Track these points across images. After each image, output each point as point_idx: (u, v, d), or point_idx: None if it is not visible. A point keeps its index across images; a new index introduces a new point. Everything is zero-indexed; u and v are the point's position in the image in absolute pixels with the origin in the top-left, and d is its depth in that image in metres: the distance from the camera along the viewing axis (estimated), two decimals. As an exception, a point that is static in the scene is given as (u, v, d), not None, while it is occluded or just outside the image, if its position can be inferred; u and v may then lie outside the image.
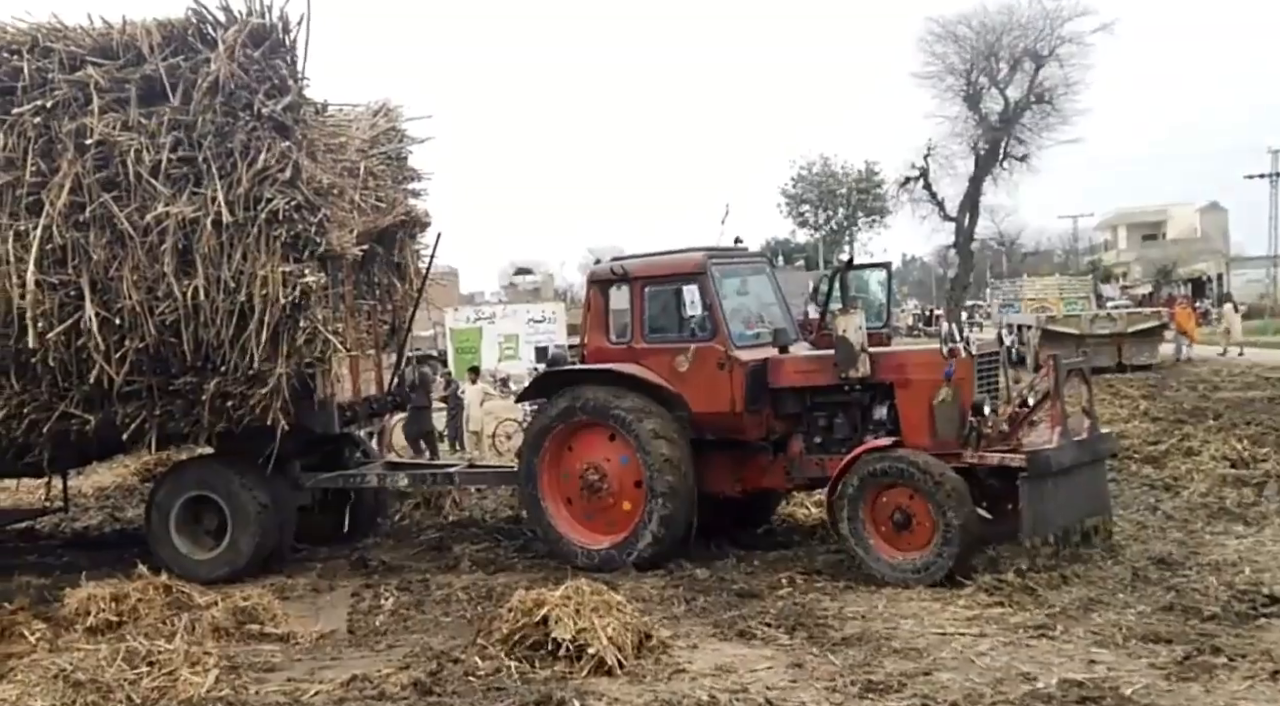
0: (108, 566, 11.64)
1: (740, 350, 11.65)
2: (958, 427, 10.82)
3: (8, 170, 10.83)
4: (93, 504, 16.67)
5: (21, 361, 11.01)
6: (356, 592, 11.14)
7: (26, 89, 10.92)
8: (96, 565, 11.73)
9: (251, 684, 8.33)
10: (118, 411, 11.20)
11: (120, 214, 10.79)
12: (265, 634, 9.63)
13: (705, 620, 9.56)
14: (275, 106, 10.89)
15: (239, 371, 11.03)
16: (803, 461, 11.74)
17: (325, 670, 8.70)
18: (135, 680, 8.01)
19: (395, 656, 8.84)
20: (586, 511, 11.82)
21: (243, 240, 10.83)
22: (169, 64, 10.93)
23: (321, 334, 11.12)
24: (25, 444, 11.46)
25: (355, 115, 13.47)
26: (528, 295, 56.11)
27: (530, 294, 57.22)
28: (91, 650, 8.55)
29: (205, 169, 10.85)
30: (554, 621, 8.25)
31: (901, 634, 8.86)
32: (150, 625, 9.48)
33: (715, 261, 12.06)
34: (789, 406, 11.81)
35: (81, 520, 15.83)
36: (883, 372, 11.30)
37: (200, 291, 10.80)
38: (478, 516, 14.40)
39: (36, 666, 8.18)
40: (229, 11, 11.06)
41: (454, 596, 10.75)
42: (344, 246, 11.49)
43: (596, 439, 11.79)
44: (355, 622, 10.15)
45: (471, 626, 9.37)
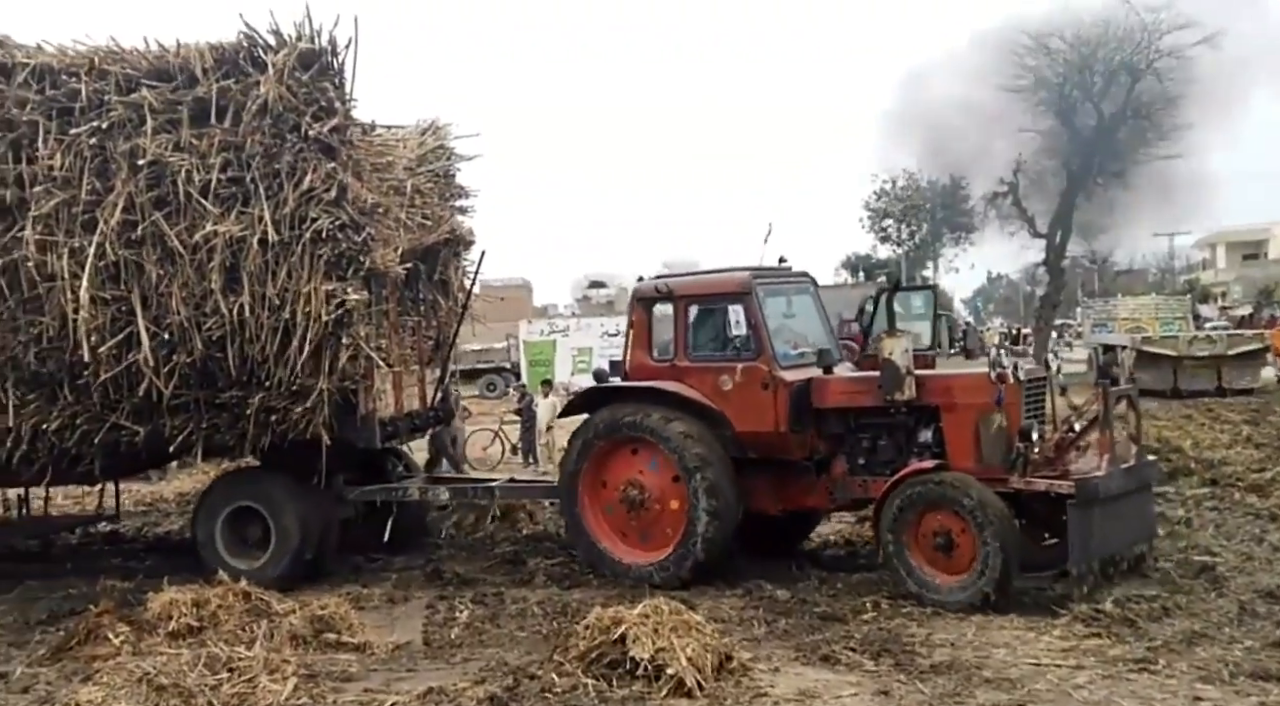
0: (188, 571, 12.23)
1: (785, 370, 12.12)
2: (1004, 453, 11.20)
3: (64, 189, 11.59)
4: (174, 509, 17.54)
5: (75, 374, 11.78)
6: (431, 604, 11.59)
7: (84, 110, 11.69)
8: (178, 570, 12.30)
9: (329, 693, 8.68)
10: (166, 423, 11.92)
11: (171, 232, 11.52)
12: (342, 643, 10.02)
13: (787, 643, 9.74)
14: (321, 128, 11.56)
15: (283, 386, 11.69)
16: (846, 482, 12.21)
17: (401, 681, 9.03)
18: (216, 685, 8.37)
19: (471, 670, 9.16)
20: (627, 528, 12.35)
21: (288, 259, 11.50)
22: (220, 86, 11.65)
23: (364, 351, 11.79)
24: (77, 453, 12.23)
25: (403, 134, 14.17)
26: (601, 308, 56.78)
27: (604, 307, 57.82)
28: (173, 654, 8.99)
29: (253, 189, 11.54)
30: (632, 640, 8.43)
31: (993, 663, 8.94)
32: (230, 631, 9.90)
33: (760, 281, 12.54)
34: (833, 427, 12.28)
35: (163, 525, 16.67)
36: (928, 395, 11.71)
37: (246, 308, 11.47)
38: (552, 530, 14.76)
39: (121, 669, 8.57)
40: (279, 35, 11.76)
41: (529, 611, 11.11)
42: (387, 264, 12.16)
43: (638, 455, 12.32)
44: (430, 634, 10.51)
45: (547, 642, 9.66)
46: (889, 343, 11.79)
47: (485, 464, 21.82)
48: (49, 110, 11.73)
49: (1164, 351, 31.15)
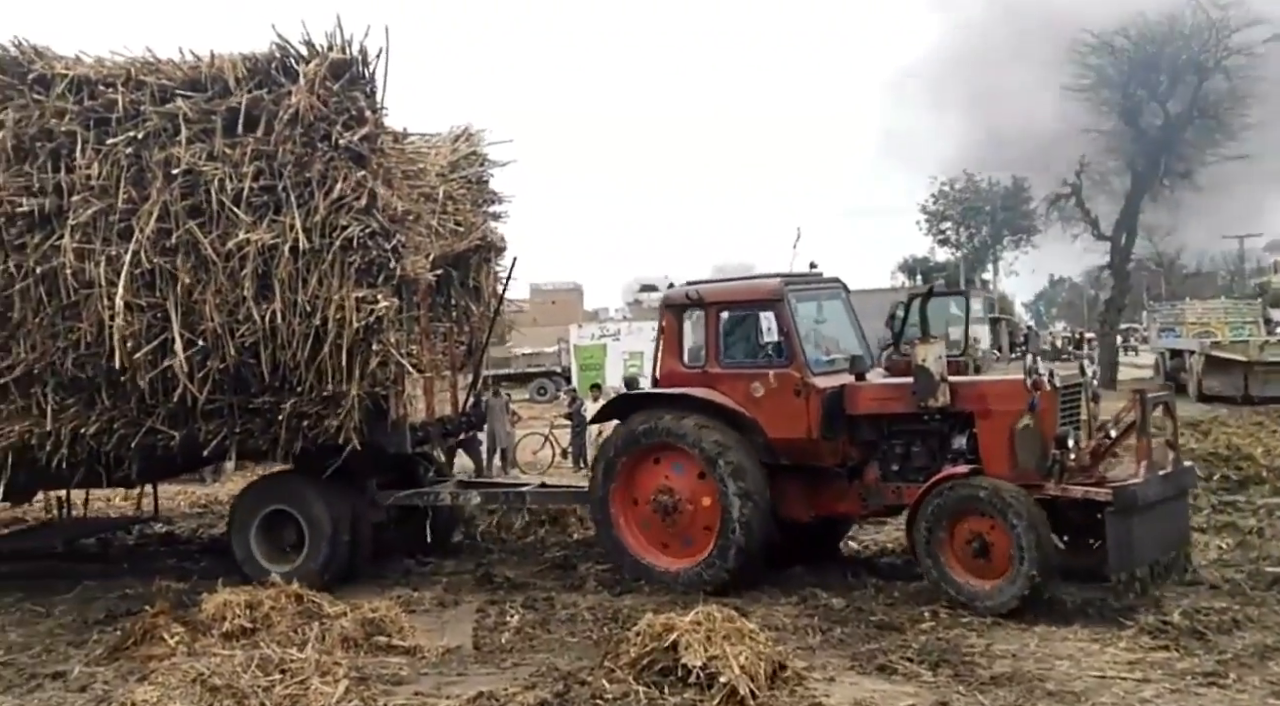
0: (242, 573, 12.70)
1: (817, 376, 12.29)
2: (1040, 459, 11.33)
3: (101, 197, 12.02)
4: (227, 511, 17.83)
5: (112, 379, 12.21)
6: (481, 608, 11.75)
7: (120, 120, 12.10)
8: (231, 571, 12.79)
9: (380, 696, 8.80)
10: (200, 428, 12.32)
11: (204, 240, 11.91)
12: (393, 646, 10.18)
13: (843, 652, 9.74)
14: (352, 137, 11.91)
15: (314, 392, 12.05)
16: (879, 488, 12.38)
17: (451, 685, 9.16)
18: (268, 687, 8.52)
19: (521, 675, 9.28)
20: (658, 534, 12.56)
21: (319, 266, 11.86)
22: (253, 96, 12.03)
23: (394, 357, 12.11)
24: (115, 457, 12.67)
25: (436, 141, 14.52)
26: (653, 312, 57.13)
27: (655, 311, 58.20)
28: (227, 655, 9.19)
29: (284, 197, 11.91)
30: (684, 647, 8.43)
31: (1056, 675, 8.88)
32: (282, 633, 10.10)
33: (791, 287, 12.71)
34: (866, 433, 12.45)
35: (218, 527, 16.91)
36: (962, 402, 11.86)
37: (278, 315, 11.83)
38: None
39: (176, 669, 8.79)
40: (311, 46, 12.11)
41: (580, 616, 11.23)
42: (417, 271, 12.49)
43: (669, 462, 12.52)
44: (480, 638, 10.67)
45: (598, 648, 9.73)
46: (922, 349, 11.93)
47: (535, 468, 22.21)
48: (87, 120, 12.17)
49: (1234, 357, 30.93)
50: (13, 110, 12.17)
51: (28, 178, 12.16)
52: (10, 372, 12.33)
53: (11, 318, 12.27)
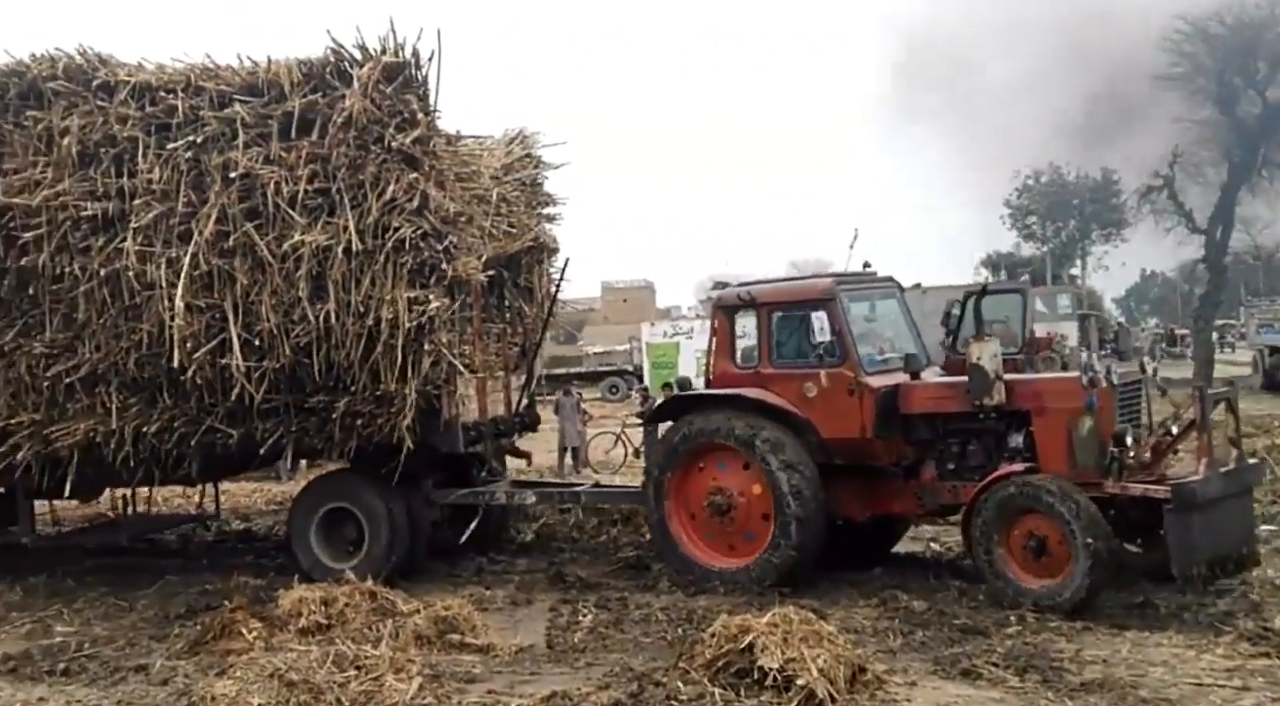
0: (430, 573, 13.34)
1: (870, 376, 12.47)
2: (1098, 457, 11.43)
3: (162, 201, 12.49)
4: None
5: (173, 379, 12.68)
6: (554, 607, 11.91)
7: (180, 125, 12.57)
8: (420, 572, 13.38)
9: (453, 693, 8.95)
10: (258, 427, 12.76)
11: (261, 242, 12.32)
12: (466, 644, 10.35)
13: (924, 656, 9.64)
14: (404, 139, 12.27)
15: (367, 391, 12.43)
16: (935, 487, 12.54)
17: (524, 684, 9.27)
18: (344, 683, 8.72)
19: (594, 675, 9.33)
20: (711, 533, 12.78)
21: (371, 267, 12.22)
22: (308, 100, 12.42)
23: (445, 357, 12.47)
24: (176, 455, 13.17)
25: (489, 144, 14.88)
26: (725, 310, 57.30)
27: (727, 309, 58.38)
28: (303, 651, 9.37)
29: (338, 199, 12.29)
30: (760, 649, 8.40)
31: (1150, 682, 8.74)
32: (357, 629, 10.33)
33: (844, 287, 12.91)
34: (921, 432, 12.61)
35: None
36: (1018, 400, 11.98)
37: (332, 315, 12.22)
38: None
39: (253, 664, 8.98)
40: (364, 50, 12.47)
41: (653, 616, 11.32)
42: (469, 272, 12.84)
43: (722, 462, 12.74)
44: (554, 638, 10.78)
45: (672, 649, 9.78)
46: (977, 347, 12.06)
47: (608, 467, 22.47)
48: (148, 126, 12.65)
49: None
50: (78, 117, 12.67)
51: (92, 182, 12.65)
52: (76, 372, 12.85)
53: (77, 319, 12.79)
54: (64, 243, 12.71)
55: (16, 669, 10.33)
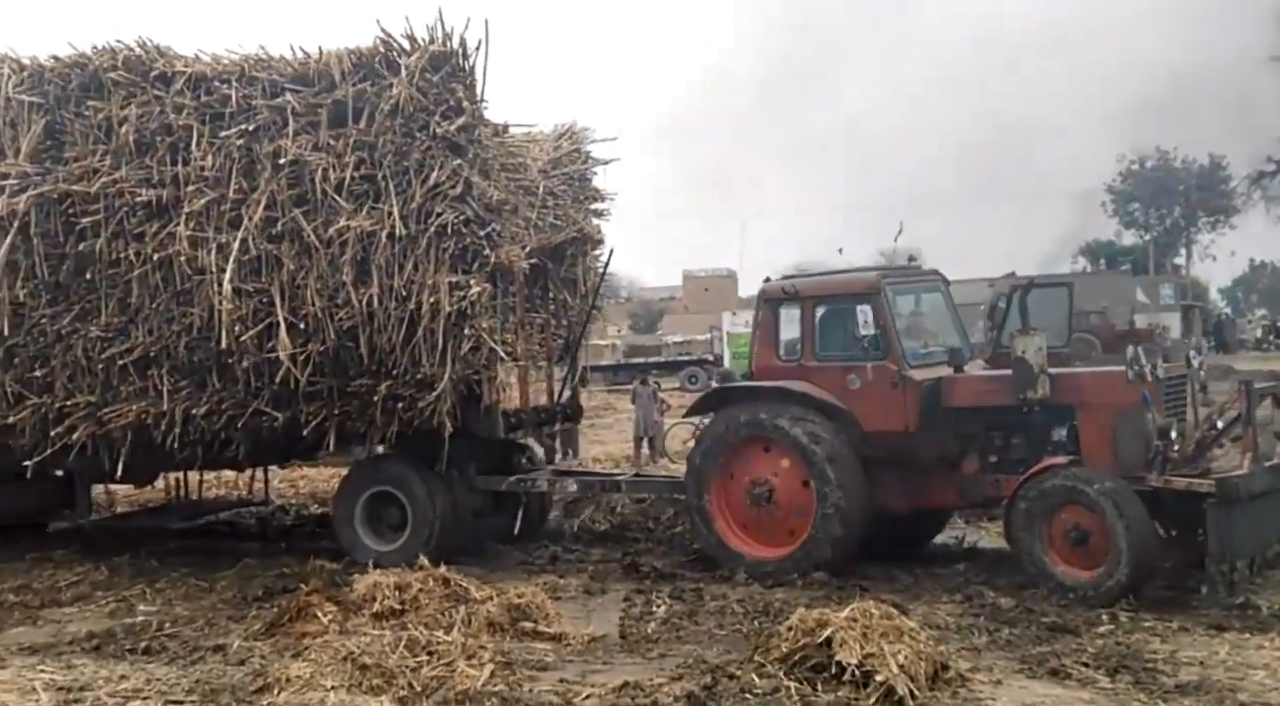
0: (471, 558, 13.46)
1: (914, 369, 12.66)
2: (1142, 451, 11.54)
3: (214, 188, 12.98)
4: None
5: (222, 362, 13.16)
6: (628, 597, 11.92)
7: (233, 115, 13.07)
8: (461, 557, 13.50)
9: (525, 681, 8.99)
10: (302, 410, 13.17)
11: (308, 227, 12.77)
12: (538, 632, 10.40)
13: (1011, 654, 9.51)
14: (449, 127, 12.70)
15: (408, 376, 12.81)
16: (977, 480, 12.70)
17: (597, 673, 9.26)
18: (416, 668, 8.81)
19: (668, 666, 9.31)
20: (753, 524, 13.00)
21: (414, 252, 12.63)
22: (357, 89, 12.86)
23: (486, 342, 12.84)
24: (224, 438, 13.63)
25: (539, 137, 15.32)
26: (810, 298, 57.50)
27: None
28: (377, 635, 9.52)
29: (384, 185, 12.71)
30: (838, 643, 8.29)
31: (1250, 686, 8.52)
32: (430, 615, 10.37)
33: (889, 281, 13.12)
34: (964, 425, 12.75)
35: None
36: (1063, 394, 12.14)
37: (375, 299, 12.63)
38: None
39: (327, 647, 9.12)
40: (413, 39, 12.94)
41: (729, 608, 11.25)
42: (511, 260, 13.23)
43: (766, 454, 12.97)
44: (627, 628, 10.76)
45: (748, 641, 9.69)
46: (1022, 341, 12.17)
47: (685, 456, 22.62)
48: (203, 115, 13.16)
49: None
50: (135, 106, 13.21)
51: (147, 170, 13.17)
52: (129, 355, 13.36)
53: (131, 303, 13.30)
54: (120, 228, 13.24)
55: (100, 647, 10.63)
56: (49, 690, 9.11)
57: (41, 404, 13.64)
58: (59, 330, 13.56)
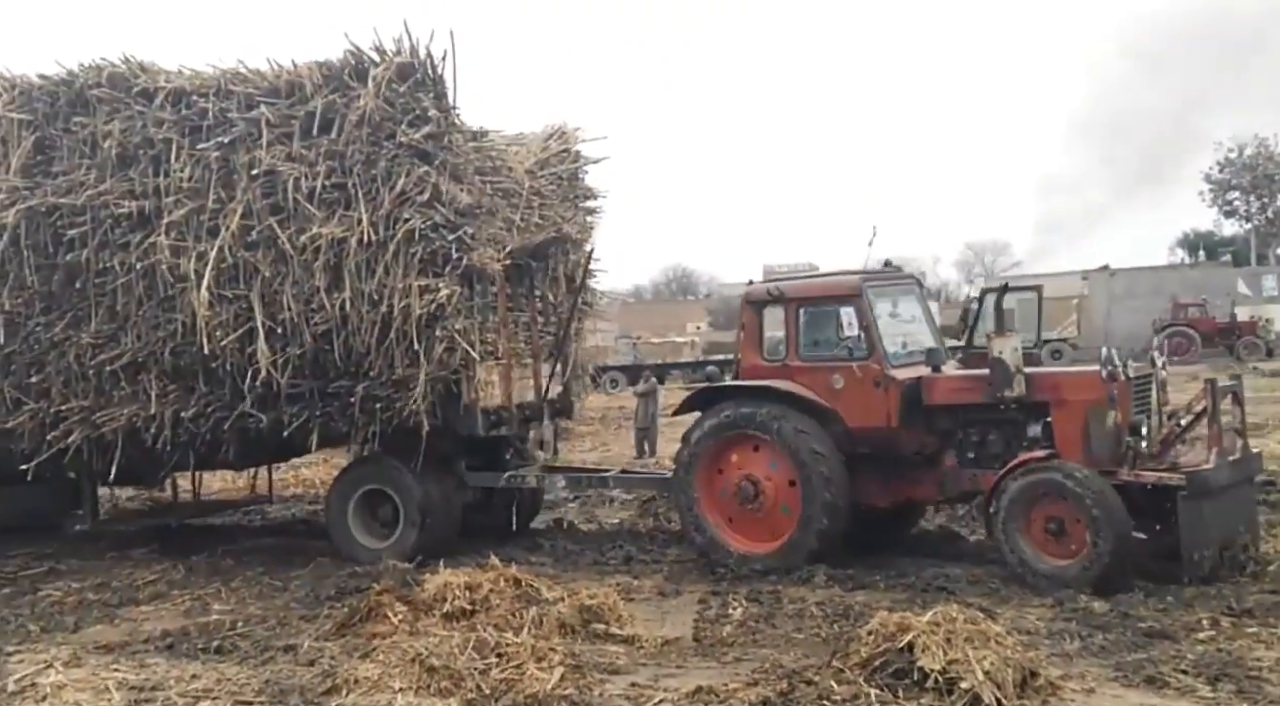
0: (462, 555, 13.76)
1: (895, 369, 13.14)
2: (1114, 446, 12.14)
3: (193, 198, 13.60)
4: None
5: (207, 366, 13.80)
6: (703, 599, 11.94)
7: (210, 127, 13.69)
8: (453, 553, 13.90)
9: (595, 685, 8.97)
10: (285, 411, 13.77)
11: (283, 235, 13.32)
12: (610, 635, 10.34)
13: (1105, 661, 9.29)
14: (415, 135, 13.21)
15: (383, 376, 13.36)
16: (956, 475, 13.21)
17: (670, 677, 9.24)
18: (485, 670, 8.89)
19: (743, 670, 9.21)
20: (740, 520, 13.44)
21: (384, 257, 13.14)
22: (327, 101, 13.40)
23: (459, 343, 13.34)
24: (215, 440, 14.30)
25: (523, 139, 15.79)
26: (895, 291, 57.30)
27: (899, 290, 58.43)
28: (446, 636, 9.59)
29: (354, 193, 13.24)
30: (921, 649, 8.18)
31: None
32: (500, 616, 10.32)
33: (870, 284, 13.62)
34: (942, 422, 13.25)
35: None
36: (1038, 392, 12.67)
37: (348, 303, 13.18)
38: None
39: (396, 648, 9.28)
40: (381, 51, 13.46)
41: (807, 612, 11.17)
42: (484, 262, 13.74)
43: (752, 452, 13.42)
44: (701, 631, 10.72)
45: (826, 646, 9.63)
46: (998, 342, 12.77)
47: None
48: (182, 128, 13.79)
49: None
50: (119, 121, 13.89)
51: (130, 182, 13.84)
52: (119, 361, 14.05)
53: (119, 310, 14.00)
54: (105, 239, 13.94)
55: (173, 645, 10.90)
56: (121, 689, 9.35)
57: (38, 409, 14.41)
58: (52, 337, 14.29)
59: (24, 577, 14.47)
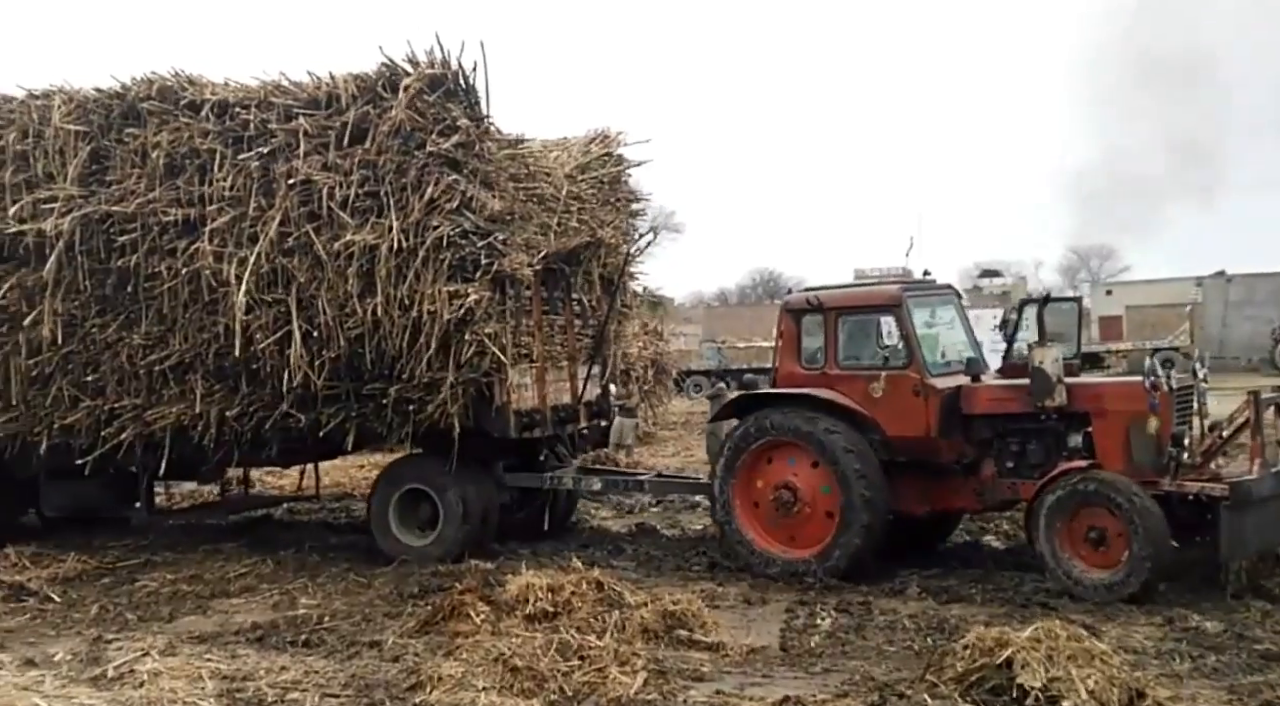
0: (544, 556, 14.29)
1: (934, 378, 13.38)
2: (1155, 457, 12.31)
3: (234, 206, 14.26)
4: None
5: (250, 368, 14.47)
6: (790, 608, 11.93)
7: (252, 138, 14.33)
8: (536, 554, 14.52)
9: (679, 691, 9.02)
10: (323, 412, 14.42)
11: (318, 242, 13.91)
12: (694, 641, 10.42)
13: (1217, 683, 9.07)
14: (445, 144, 13.71)
15: (415, 379, 13.91)
16: (995, 484, 13.43)
17: (755, 686, 9.25)
18: (567, 672, 9.03)
19: (831, 682, 9.20)
20: (775, 525, 13.73)
21: (414, 263, 13.67)
22: (361, 111, 13.95)
23: (489, 348, 13.85)
24: (258, 439, 15.01)
25: (562, 144, 16.25)
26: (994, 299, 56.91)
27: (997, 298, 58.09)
28: (528, 637, 9.77)
29: (385, 201, 13.77)
30: (1020, 665, 8.08)
31: None
32: (583, 619, 10.45)
33: (909, 294, 13.85)
34: (982, 432, 13.47)
35: None
36: (1079, 402, 12.85)
37: (380, 309, 13.73)
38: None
39: (479, 647, 9.44)
40: (414, 62, 14.00)
41: (899, 624, 11.13)
42: (515, 267, 14.24)
43: (791, 459, 13.74)
44: (788, 640, 10.70)
45: (919, 659, 9.60)
46: (1039, 352, 12.94)
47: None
48: (226, 139, 14.44)
49: None
50: (167, 132, 14.58)
51: (177, 190, 14.54)
52: (168, 361, 14.79)
53: (166, 313, 14.71)
54: (154, 245, 14.65)
55: (263, 638, 11.29)
56: (214, 678, 9.73)
57: (94, 406, 15.19)
58: (106, 338, 15.04)
59: (122, 568, 15.19)
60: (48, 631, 12.08)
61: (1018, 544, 14.09)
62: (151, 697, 9.32)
